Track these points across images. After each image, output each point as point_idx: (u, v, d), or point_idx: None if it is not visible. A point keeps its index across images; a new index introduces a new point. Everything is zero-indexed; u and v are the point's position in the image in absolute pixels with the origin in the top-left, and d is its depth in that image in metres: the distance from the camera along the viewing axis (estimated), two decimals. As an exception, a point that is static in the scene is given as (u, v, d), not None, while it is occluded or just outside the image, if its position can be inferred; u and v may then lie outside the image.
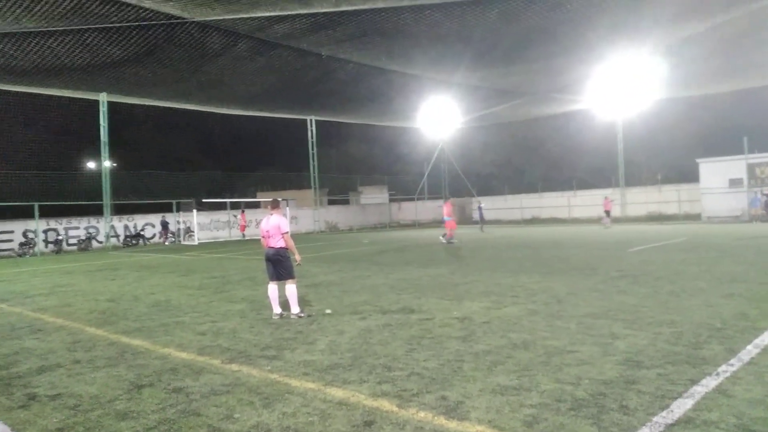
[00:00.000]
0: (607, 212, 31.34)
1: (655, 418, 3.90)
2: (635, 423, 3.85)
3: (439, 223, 47.90)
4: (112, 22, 18.65)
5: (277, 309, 8.37)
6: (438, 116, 39.81)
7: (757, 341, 5.82)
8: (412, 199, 48.69)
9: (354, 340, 6.72)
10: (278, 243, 8.21)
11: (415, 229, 42.01)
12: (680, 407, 4.09)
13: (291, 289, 8.30)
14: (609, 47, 24.27)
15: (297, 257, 8.37)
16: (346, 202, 49.94)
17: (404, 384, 4.96)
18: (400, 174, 52.59)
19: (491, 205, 43.48)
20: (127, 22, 18.74)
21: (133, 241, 31.75)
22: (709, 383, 4.59)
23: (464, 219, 49.04)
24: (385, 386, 4.92)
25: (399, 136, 49.55)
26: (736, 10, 19.39)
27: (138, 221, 32.86)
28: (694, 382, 4.64)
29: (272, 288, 8.42)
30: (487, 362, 5.50)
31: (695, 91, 35.84)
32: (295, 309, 8.27)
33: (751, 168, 32.15)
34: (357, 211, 46.85)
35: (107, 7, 17.30)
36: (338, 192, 49.51)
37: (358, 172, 52.75)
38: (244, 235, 34.75)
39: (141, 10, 17.72)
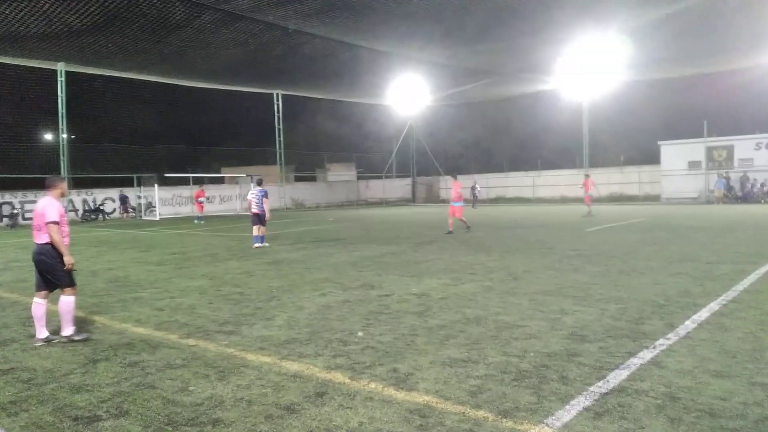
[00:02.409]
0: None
1: (591, 388, 4.13)
2: (572, 392, 4.07)
3: (407, 201, 48.26)
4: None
5: (42, 332, 6.00)
6: (407, 94, 39.77)
7: (695, 317, 6.15)
8: (380, 177, 48.73)
9: (312, 315, 6.82)
10: (43, 238, 5.94)
11: (382, 207, 42.14)
12: (616, 378, 4.33)
13: (65, 301, 6.02)
14: (576, 28, 24.58)
15: (66, 259, 5.92)
16: (313, 179, 49.69)
17: (358, 357, 5.10)
18: (368, 152, 52.47)
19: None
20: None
21: (92, 216, 31.05)
22: (646, 356, 4.85)
23: (432, 198, 49.42)
24: (340, 359, 5.05)
25: (367, 113, 49.27)
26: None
27: (97, 195, 32.11)
28: (632, 354, 4.90)
29: (37, 304, 6.01)
30: (440, 336, 5.68)
31: (659, 74, 36.61)
32: (68, 330, 6.04)
33: (709, 151, 33.19)
34: (324, 189, 46.71)
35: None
36: (305, 169, 49.17)
37: (326, 149, 52.41)
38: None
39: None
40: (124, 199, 32.67)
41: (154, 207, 32.25)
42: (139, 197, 33.88)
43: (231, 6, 20.60)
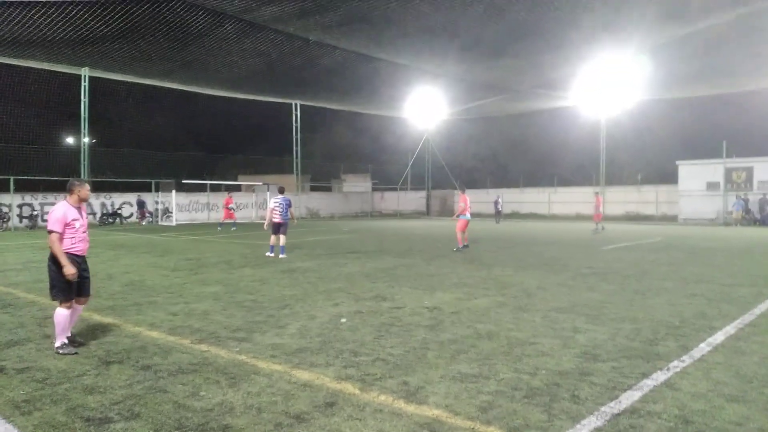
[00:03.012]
0: None
1: (603, 408, 4.09)
2: (584, 411, 4.03)
3: (421, 214, 48.24)
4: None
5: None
6: (424, 107, 39.90)
7: (710, 340, 6.06)
8: (395, 189, 48.82)
9: (324, 325, 6.84)
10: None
11: (396, 219, 42.17)
12: (628, 398, 4.29)
13: (56, 313, 5.76)
14: (594, 46, 24.54)
15: (65, 270, 5.60)
16: (328, 189, 49.94)
17: (369, 369, 5.10)
18: (384, 163, 52.69)
19: (474, 198, 43.79)
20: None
21: (110, 220, 31.45)
22: (659, 377, 4.79)
23: (446, 212, 49.35)
24: (350, 370, 5.06)
25: (384, 125, 49.60)
26: (716, 17, 19.72)
27: (116, 199, 32.54)
28: (645, 375, 4.84)
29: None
30: (451, 351, 5.67)
31: (677, 94, 36.37)
32: (57, 341, 5.77)
33: (728, 172, 32.79)
34: (339, 199, 46.88)
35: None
36: (321, 179, 49.42)
37: (342, 159, 52.70)
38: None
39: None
40: (141, 204, 33.06)
41: (171, 212, 32.58)
42: (156, 202, 34.26)
43: (253, 16, 20.90)
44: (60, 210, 5.75)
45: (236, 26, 22.03)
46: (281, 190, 15.07)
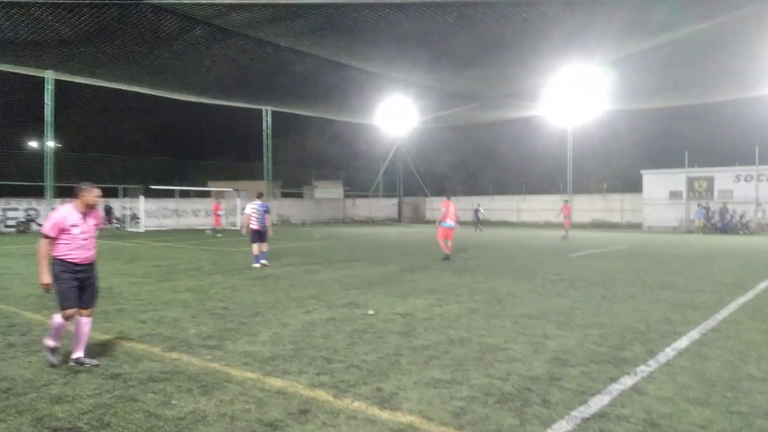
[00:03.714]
0: None
1: (573, 412, 4.18)
2: (554, 416, 4.12)
3: (393, 220, 48.37)
4: (62, -2, 18.03)
5: (76, 352, 5.49)
6: (396, 115, 40.10)
7: (675, 344, 6.24)
8: (366, 196, 48.85)
9: (297, 332, 6.81)
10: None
11: (369, 225, 42.19)
12: (597, 403, 4.39)
13: (53, 317, 5.53)
14: (561, 57, 25.05)
15: (39, 278, 5.32)
16: (300, 195, 49.63)
17: (342, 375, 5.10)
18: (356, 170, 52.66)
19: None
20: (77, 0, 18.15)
21: (76, 226, 30.66)
22: (627, 381, 4.92)
23: (417, 218, 49.65)
24: (324, 377, 5.05)
25: (356, 132, 49.54)
26: (678, 31, 20.37)
27: (82, 205, 31.74)
28: (613, 380, 4.97)
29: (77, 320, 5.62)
30: (424, 357, 5.71)
31: (641, 105, 37.37)
32: (45, 339, 5.56)
33: (690, 181, 33.82)
34: (311, 206, 46.66)
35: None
36: (292, 185, 49.06)
37: (314, 165, 52.45)
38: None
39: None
40: (108, 210, 32.34)
41: (139, 219, 31.97)
42: (124, 208, 33.58)
43: (223, 21, 20.72)
44: (59, 213, 5.39)
45: (206, 31, 21.81)
46: (259, 195, 14.16)
